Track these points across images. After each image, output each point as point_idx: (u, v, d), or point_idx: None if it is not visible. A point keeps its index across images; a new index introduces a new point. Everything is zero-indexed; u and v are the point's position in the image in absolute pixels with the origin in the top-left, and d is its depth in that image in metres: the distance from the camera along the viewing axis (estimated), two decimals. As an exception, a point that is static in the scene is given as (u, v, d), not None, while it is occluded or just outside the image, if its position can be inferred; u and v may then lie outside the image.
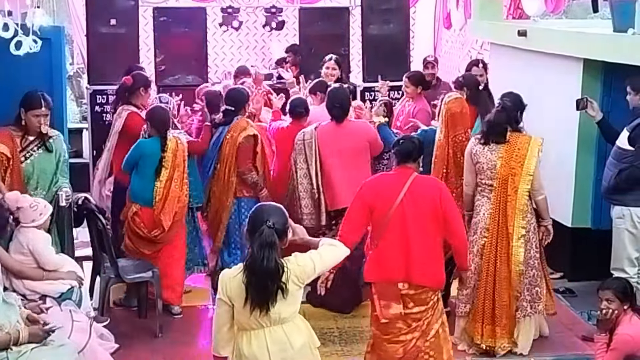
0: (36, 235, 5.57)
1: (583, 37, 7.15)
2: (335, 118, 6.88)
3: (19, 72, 6.33)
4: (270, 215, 3.93)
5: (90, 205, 6.43)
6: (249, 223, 3.97)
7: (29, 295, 5.41)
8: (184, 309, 6.97)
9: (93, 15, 10.10)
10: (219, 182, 7.08)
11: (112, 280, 6.43)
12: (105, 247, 6.37)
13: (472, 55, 11.41)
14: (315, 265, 4.04)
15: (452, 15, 12.02)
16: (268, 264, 3.82)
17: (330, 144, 6.77)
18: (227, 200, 7.07)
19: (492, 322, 6.10)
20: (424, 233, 5.21)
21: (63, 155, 6.33)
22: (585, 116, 6.89)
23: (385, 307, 5.28)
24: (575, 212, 7.28)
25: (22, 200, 5.57)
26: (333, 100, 6.92)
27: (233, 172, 7.01)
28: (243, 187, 7.08)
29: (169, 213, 6.59)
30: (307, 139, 6.82)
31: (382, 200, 5.26)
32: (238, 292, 3.90)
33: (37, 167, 6.19)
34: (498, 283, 6.06)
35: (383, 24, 10.76)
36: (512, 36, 8.06)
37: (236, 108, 7.09)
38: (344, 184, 6.64)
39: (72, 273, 5.67)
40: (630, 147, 6.20)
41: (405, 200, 5.22)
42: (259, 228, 3.86)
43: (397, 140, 5.58)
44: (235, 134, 6.99)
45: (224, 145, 7.02)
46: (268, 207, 4.09)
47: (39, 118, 6.07)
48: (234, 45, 12.77)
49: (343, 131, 6.83)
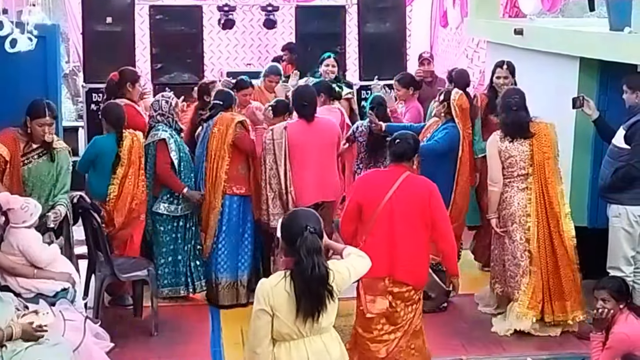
0: (26, 235, 5.54)
1: (579, 36, 7.15)
2: (304, 117, 6.80)
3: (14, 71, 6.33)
4: (308, 220, 3.84)
5: (85, 204, 6.40)
6: (285, 230, 3.86)
7: (23, 293, 5.39)
8: (178, 307, 6.95)
9: (89, 13, 10.10)
10: (207, 181, 6.86)
11: (108, 279, 6.41)
12: (101, 246, 6.35)
13: (469, 54, 11.42)
14: (350, 274, 3.98)
15: (448, 13, 12.02)
16: (319, 270, 3.74)
17: (301, 142, 6.70)
18: (215, 199, 6.85)
19: (562, 298, 6.47)
20: (411, 231, 5.28)
21: (65, 169, 6.24)
22: (582, 114, 6.89)
23: (371, 302, 5.34)
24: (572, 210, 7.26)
25: (12, 202, 5.54)
26: (301, 99, 6.86)
27: (221, 167, 6.80)
28: (233, 183, 6.89)
29: (122, 210, 6.63)
30: (276, 139, 6.69)
31: (372, 197, 5.34)
32: (282, 300, 3.77)
33: (34, 174, 6.14)
34: (560, 260, 6.48)
35: (379, 22, 10.79)
36: (508, 35, 8.05)
37: (224, 103, 6.94)
38: (312, 182, 6.69)
39: (64, 274, 5.63)
40: (627, 145, 6.21)
41: (394, 198, 5.28)
42: (301, 234, 3.76)
43: (393, 139, 5.59)
44: (222, 127, 6.79)
45: (210, 140, 6.82)
46: (303, 212, 4.00)
47: (43, 127, 6.03)
48: (230, 43, 12.77)
49: (313, 129, 6.77)
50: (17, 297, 5.18)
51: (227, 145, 6.79)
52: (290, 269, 3.79)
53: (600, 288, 5.40)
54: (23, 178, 6.09)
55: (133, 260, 6.67)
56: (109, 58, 9.75)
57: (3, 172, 6.06)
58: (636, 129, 6.20)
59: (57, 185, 6.20)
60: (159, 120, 6.87)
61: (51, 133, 6.08)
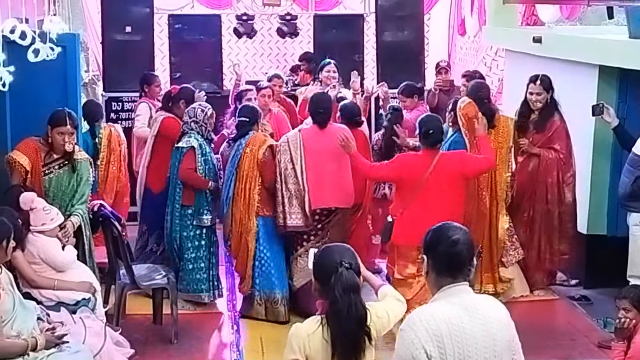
0: (45, 242, 5.58)
1: (598, 44, 7.14)
2: (318, 123, 6.85)
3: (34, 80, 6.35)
4: (342, 255, 3.49)
5: (105, 212, 6.44)
6: (318, 268, 3.53)
7: (45, 302, 5.42)
8: (198, 315, 6.98)
9: (108, 23, 10.16)
10: (238, 201, 6.77)
11: (128, 287, 6.44)
12: (121, 254, 6.38)
13: (487, 62, 11.40)
14: (389, 319, 3.62)
15: (466, 21, 12.01)
16: (357, 310, 3.40)
17: (313, 147, 6.73)
18: (250, 220, 6.78)
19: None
20: (446, 205, 5.94)
21: (85, 180, 6.25)
22: (601, 122, 6.88)
23: (403, 267, 6.19)
24: (591, 219, 7.25)
25: (37, 201, 5.61)
26: (317, 105, 6.91)
27: (254, 188, 6.75)
28: (264, 205, 6.82)
29: (110, 193, 7.56)
30: (291, 140, 6.74)
31: (412, 175, 6.13)
32: (319, 348, 3.40)
33: (55, 185, 6.15)
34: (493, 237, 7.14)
35: (397, 30, 10.78)
36: (527, 43, 8.05)
37: (251, 119, 6.89)
38: (324, 187, 6.71)
39: (85, 284, 5.66)
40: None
41: (432, 177, 6.07)
42: (335, 271, 3.41)
43: (427, 130, 6.19)
44: (255, 148, 6.76)
45: (242, 160, 6.77)
46: (337, 247, 3.63)
47: (64, 136, 6.04)
48: (248, 52, 12.79)
49: (326, 136, 6.79)
50: (38, 304, 5.21)
51: (259, 166, 6.77)
52: (326, 312, 3.44)
53: (622, 297, 5.37)
54: (44, 188, 6.11)
55: (153, 267, 6.70)
56: (129, 67, 9.83)
57: (24, 182, 6.09)
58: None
59: (76, 195, 6.22)
60: (192, 128, 6.93)
61: (71, 143, 6.09)
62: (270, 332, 6.62)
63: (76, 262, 5.80)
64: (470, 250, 3.14)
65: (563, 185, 7.10)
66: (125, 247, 6.40)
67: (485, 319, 3.09)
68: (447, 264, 3.10)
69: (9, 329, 4.58)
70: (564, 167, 7.10)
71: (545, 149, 7.10)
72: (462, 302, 3.09)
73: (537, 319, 6.77)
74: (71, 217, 6.06)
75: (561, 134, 7.09)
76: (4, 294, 4.57)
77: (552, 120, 7.09)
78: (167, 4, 11.68)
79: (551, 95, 7.08)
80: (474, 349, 3.02)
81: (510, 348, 3.15)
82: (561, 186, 7.10)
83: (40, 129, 6.13)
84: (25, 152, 6.07)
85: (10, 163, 6.06)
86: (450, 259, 3.10)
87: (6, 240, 4.61)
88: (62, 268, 5.61)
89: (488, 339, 3.07)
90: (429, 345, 2.97)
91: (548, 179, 7.09)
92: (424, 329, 2.99)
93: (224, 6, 12.16)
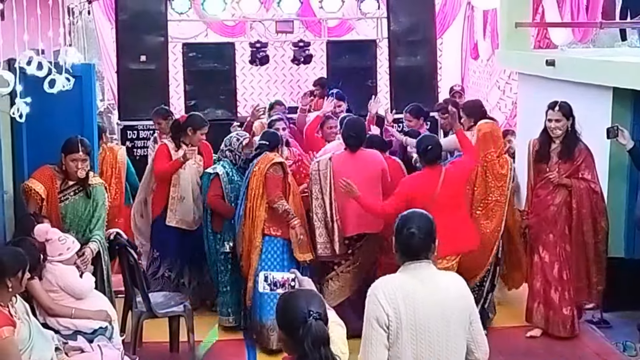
0: (63, 271, 5.59)
1: (612, 66, 7.13)
2: (349, 147, 6.88)
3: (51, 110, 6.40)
4: (310, 303, 3.11)
5: (122, 240, 6.47)
6: (282, 316, 3.15)
7: (62, 330, 5.43)
8: (215, 343, 6.96)
9: (123, 52, 10.26)
10: (247, 220, 6.75)
11: (144, 315, 6.45)
12: (137, 282, 6.39)
13: (500, 85, 11.43)
14: (345, 349, 3.43)
15: (479, 45, 12.07)
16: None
17: (345, 172, 6.70)
18: (256, 238, 6.72)
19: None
20: (457, 213, 6.32)
21: (101, 204, 6.28)
22: (616, 144, 6.85)
23: None
24: (609, 241, 7.20)
25: (51, 232, 5.62)
26: (349, 129, 6.94)
27: (260, 206, 6.70)
28: (272, 224, 6.75)
29: None
30: (322, 169, 6.77)
31: (422, 192, 6.26)
32: None
33: (71, 211, 6.20)
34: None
35: (410, 55, 10.83)
36: (540, 66, 8.04)
37: (270, 144, 6.89)
38: (354, 213, 6.69)
39: (102, 312, 5.66)
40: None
41: (442, 190, 6.30)
42: (304, 322, 3.03)
43: (425, 147, 6.40)
44: (262, 166, 6.73)
45: (251, 179, 6.77)
46: (304, 293, 3.25)
47: (76, 162, 6.09)
48: (262, 79, 12.89)
49: (357, 160, 6.82)
50: (56, 333, 5.23)
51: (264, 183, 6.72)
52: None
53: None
54: (61, 215, 6.17)
55: (169, 295, 6.71)
56: (144, 95, 9.92)
57: (40, 209, 6.14)
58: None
59: (93, 220, 6.27)
60: (226, 155, 7.12)
61: (84, 169, 6.15)
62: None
63: (93, 290, 5.81)
64: (427, 239, 3.76)
65: (597, 215, 6.78)
66: (142, 275, 6.42)
67: (438, 289, 3.72)
68: (406, 249, 3.76)
69: (27, 359, 4.59)
70: (595, 196, 6.76)
71: (575, 179, 6.75)
72: (419, 275, 3.72)
73: (556, 343, 6.73)
74: (90, 243, 6.09)
75: (589, 162, 6.76)
76: (20, 322, 4.59)
77: (578, 148, 6.74)
78: (181, 33, 11.82)
79: (572, 123, 6.74)
80: (423, 313, 3.64)
81: (463, 317, 3.73)
82: (595, 216, 6.78)
83: (57, 159, 6.19)
84: (40, 179, 6.14)
85: (26, 191, 6.13)
86: (409, 247, 3.74)
87: (22, 271, 4.63)
88: (81, 295, 5.62)
89: (438, 306, 3.67)
90: (387, 308, 3.61)
91: (582, 209, 6.74)
92: (382, 294, 3.64)
93: (238, 34, 12.28)
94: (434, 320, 3.65)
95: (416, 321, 3.64)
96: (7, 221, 6.57)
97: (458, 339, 3.72)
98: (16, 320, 4.54)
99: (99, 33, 12.02)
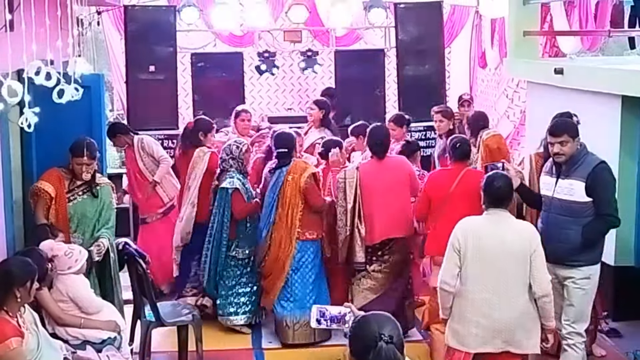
0: (74, 281, 5.61)
1: (621, 74, 7.12)
2: (376, 154, 7.01)
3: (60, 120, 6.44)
4: (382, 326, 2.96)
5: (130, 250, 6.47)
6: (353, 340, 3.01)
7: (71, 340, 5.43)
8: (223, 352, 6.96)
9: (132, 62, 10.28)
10: (281, 226, 6.96)
11: (153, 325, 6.45)
12: (146, 291, 6.39)
13: (509, 94, 11.41)
14: None
15: (487, 54, 12.05)
16: None
17: (373, 180, 6.89)
18: (290, 244, 6.97)
19: None
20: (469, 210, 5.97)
21: (107, 204, 6.39)
22: (626, 153, 6.82)
23: (435, 276, 6.00)
24: (618, 250, 7.17)
25: (56, 249, 5.63)
26: (374, 137, 7.06)
27: (296, 214, 6.94)
28: (306, 229, 6.99)
29: None
30: (348, 178, 6.89)
31: (440, 187, 6.64)
32: None
33: (78, 211, 6.29)
34: None
35: (418, 64, 10.81)
36: (548, 74, 8.03)
37: (289, 149, 7.10)
38: (384, 218, 6.84)
39: (111, 322, 5.66)
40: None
41: (457, 190, 6.50)
42: (374, 345, 2.91)
43: (455, 144, 6.71)
44: (296, 176, 6.94)
45: (284, 187, 6.96)
46: (375, 316, 3.06)
47: (81, 166, 6.22)
48: (270, 88, 12.90)
49: (384, 167, 6.96)
50: (65, 343, 5.23)
51: (301, 192, 6.94)
52: None
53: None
54: (69, 215, 6.23)
55: (178, 304, 6.71)
56: (153, 106, 9.94)
57: (49, 209, 6.22)
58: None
59: (101, 220, 6.34)
60: (231, 165, 7.23)
61: (89, 172, 6.25)
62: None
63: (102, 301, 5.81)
64: (509, 190, 5.20)
65: None
66: (150, 284, 6.42)
67: (506, 230, 5.02)
68: (492, 199, 5.12)
69: (35, 369, 4.59)
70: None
71: None
72: (492, 218, 5.09)
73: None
74: (100, 239, 6.20)
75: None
76: (28, 333, 4.59)
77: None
78: (190, 43, 11.83)
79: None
80: (487, 245, 4.96)
81: (523, 255, 4.93)
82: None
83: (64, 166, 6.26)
84: (49, 180, 6.26)
85: (36, 192, 6.23)
86: (494, 196, 5.11)
87: (30, 281, 4.64)
88: (88, 310, 5.61)
89: (501, 242, 4.96)
90: (459, 236, 5.03)
91: None
92: (459, 228, 5.08)
93: (246, 44, 12.29)
94: (495, 251, 4.94)
95: (480, 250, 4.95)
96: (17, 231, 6.60)
97: (515, 271, 4.94)
98: (24, 331, 4.55)
99: (109, 44, 12.05)
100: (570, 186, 5.59)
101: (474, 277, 5.00)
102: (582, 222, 5.55)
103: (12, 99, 4.42)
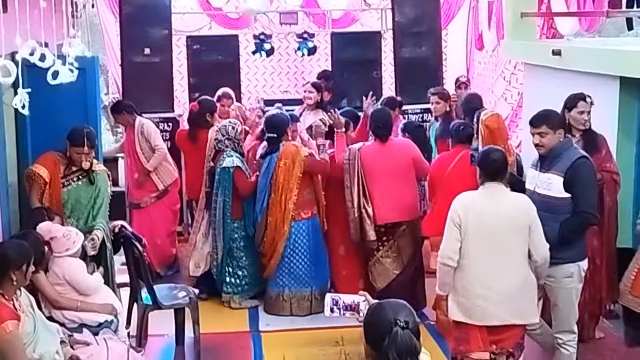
0: (70, 264, 5.60)
1: (619, 55, 7.09)
2: (379, 137, 7.05)
3: (54, 101, 6.41)
4: (397, 312, 2.94)
5: (126, 233, 6.46)
6: (368, 328, 2.98)
7: (68, 323, 5.43)
8: (220, 335, 6.95)
9: (127, 45, 10.20)
10: (275, 211, 7.14)
11: (150, 308, 6.43)
12: (142, 274, 6.38)
13: (506, 76, 11.36)
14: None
15: (484, 36, 11.99)
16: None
17: (375, 162, 6.94)
18: (285, 226, 7.15)
19: None
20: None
21: (103, 192, 6.38)
22: (624, 134, 6.80)
23: (434, 258, 6.14)
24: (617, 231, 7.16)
25: (54, 230, 5.62)
26: (377, 120, 7.11)
27: (290, 198, 7.08)
28: (301, 209, 7.17)
29: None
30: (350, 159, 6.97)
31: (438, 168, 6.88)
32: None
33: (72, 197, 6.28)
34: None
35: (415, 46, 10.76)
36: (546, 56, 8.00)
37: (279, 134, 7.17)
38: (388, 201, 6.92)
39: (107, 306, 5.66)
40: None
41: (453, 170, 6.61)
42: (389, 331, 2.87)
43: (458, 127, 6.89)
44: (288, 161, 7.06)
45: (277, 173, 7.08)
46: (390, 303, 3.03)
47: (80, 155, 6.21)
48: (266, 71, 12.84)
49: (387, 150, 7.01)
50: (61, 326, 5.21)
51: (296, 178, 7.06)
52: None
53: None
54: (63, 200, 6.23)
55: (174, 287, 6.70)
56: (148, 89, 9.87)
57: (43, 193, 6.20)
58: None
59: (95, 207, 6.33)
60: (227, 145, 7.33)
61: (88, 160, 6.23)
62: (293, 351, 6.60)
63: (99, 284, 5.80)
64: (503, 166, 5.17)
65: (617, 208, 6.52)
66: (147, 267, 6.40)
67: (503, 202, 5.09)
68: (487, 172, 5.15)
69: (31, 352, 4.57)
70: (617, 186, 6.47)
71: (600, 171, 6.17)
72: (489, 191, 5.13)
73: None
74: (94, 231, 6.16)
75: (609, 151, 6.47)
76: (24, 316, 4.58)
77: (600, 139, 6.41)
78: (185, 26, 11.76)
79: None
80: (487, 219, 5.02)
81: (522, 226, 5.03)
82: (615, 205, 6.50)
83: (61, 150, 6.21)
84: (44, 164, 6.25)
85: (30, 175, 6.21)
86: (489, 170, 5.13)
87: (26, 264, 4.62)
88: (85, 292, 5.61)
89: (499, 215, 5.03)
90: (459, 212, 5.05)
91: (610, 202, 6.41)
92: (458, 202, 5.12)
93: (242, 26, 12.22)
94: (494, 225, 5.00)
95: (480, 224, 5.00)
96: (12, 214, 6.58)
97: (515, 242, 5.03)
98: (20, 314, 4.53)
99: (103, 27, 11.96)
100: (549, 180, 5.45)
101: (475, 251, 5.04)
102: (560, 219, 5.39)
103: (6, 78, 4.38)
